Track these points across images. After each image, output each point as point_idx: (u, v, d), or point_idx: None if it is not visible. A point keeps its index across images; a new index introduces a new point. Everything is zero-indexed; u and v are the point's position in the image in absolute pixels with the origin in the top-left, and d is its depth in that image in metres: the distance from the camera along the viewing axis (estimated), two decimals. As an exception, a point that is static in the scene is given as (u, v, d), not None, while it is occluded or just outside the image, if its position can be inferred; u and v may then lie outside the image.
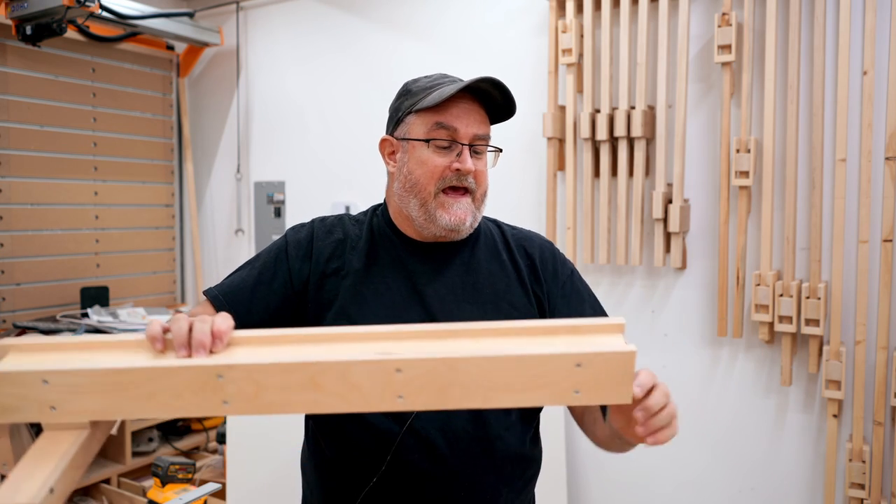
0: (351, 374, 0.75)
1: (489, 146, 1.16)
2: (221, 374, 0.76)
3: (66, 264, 3.08)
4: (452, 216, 1.11)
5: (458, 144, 1.11)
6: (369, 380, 0.76)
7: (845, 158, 1.98)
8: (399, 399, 0.76)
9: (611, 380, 0.76)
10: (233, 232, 3.47)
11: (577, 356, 0.75)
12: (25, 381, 0.75)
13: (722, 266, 2.19)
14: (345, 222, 1.22)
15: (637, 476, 2.44)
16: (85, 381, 0.76)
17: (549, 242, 1.27)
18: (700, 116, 2.28)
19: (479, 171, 1.14)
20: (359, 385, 0.76)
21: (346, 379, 0.75)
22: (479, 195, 1.15)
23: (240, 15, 3.35)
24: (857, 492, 2.01)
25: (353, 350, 0.78)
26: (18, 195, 2.91)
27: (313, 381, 0.75)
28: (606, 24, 2.29)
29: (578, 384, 0.76)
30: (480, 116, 1.13)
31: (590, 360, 0.75)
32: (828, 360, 2.03)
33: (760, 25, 2.13)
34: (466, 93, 1.12)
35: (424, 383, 0.76)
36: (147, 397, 0.76)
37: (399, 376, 0.75)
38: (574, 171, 2.39)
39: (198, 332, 0.79)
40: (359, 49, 3.00)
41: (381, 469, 1.08)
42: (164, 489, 2.17)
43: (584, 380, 0.75)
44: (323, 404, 0.76)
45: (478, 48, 2.69)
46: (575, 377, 0.75)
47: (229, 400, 0.76)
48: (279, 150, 3.28)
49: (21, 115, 2.90)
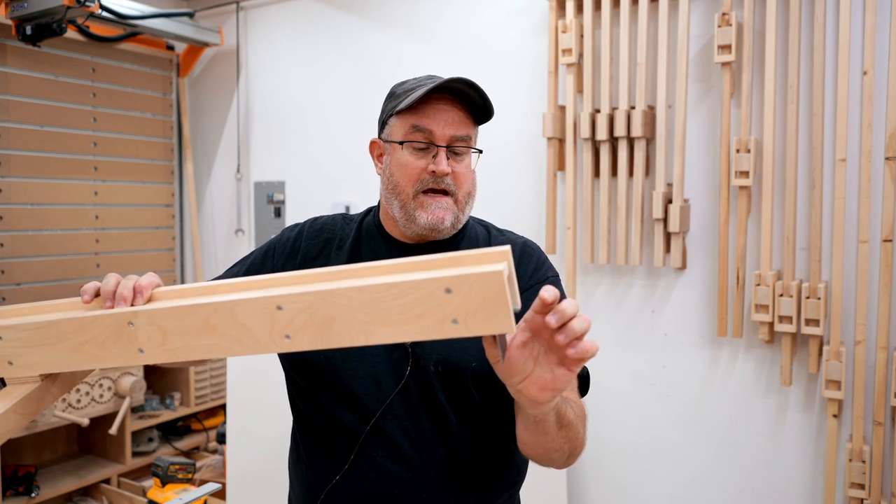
0: (237, 314, 0.79)
1: (469, 147, 1.14)
2: (131, 321, 0.84)
3: (66, 264, 3.08)
4: (431, 215, 1.11)
5: (434, 146, 1.11)
6: (255, 319, 0.79)
7: (845, 158, 1.98)
8: (286, 339, 0.78)
9: (485, 307, 0.71)
10: (233, 232, 3.47)
11: (445, 280, 0.71)
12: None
13: (722, 266, 2.19)
14: (337, 222, 1.24)
15: (637, 476, 2.44)
16: (31, 335, 0.87)
17: (533, 247, 1.23)
18: (700, 116, 2.28)
19: (459, 173, 1.12)
20: (247, 325, 0.79)
21: (234, 319, 0.79)
22: (461, 196, 1.13)
23: (240, 15, 3.35)
24: (857, 492, 2.01)
25: (245, 295, 0.81)
26: (18, 195, 2.91)
27: (207, 322, 0.80)
28: (606, 24, 2.29)
29: (454, 313, 0.72)
30: (459, 117, 1.12)
31: (458, 284, 0.70)
32: (828, 360, 2.03)
33: (760, 25, 2.13)
34: (446, 93, 1.11)
35: (305, 320, 0.77)
36: (77, 348, 0.86)
37: (281, 314, 0.77)
38: (574, 171, 2.39)
39: (121, 287, 0.87)
40: (359, 49, 3.00)
41: (346, 464, 1.09)
42: (164, 489, 2.17)
43: (457, 307, 0.71)
44: (220, 347, 0.81)
45: (478, 48, 2.69)
46: (449, 305, 0.71)
47: (144, 347, 0.84)
48: (279, 150, 3.28)
49: (21, 115, 2.90)
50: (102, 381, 2.60)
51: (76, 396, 2.51)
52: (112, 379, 2.63)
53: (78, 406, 2.52)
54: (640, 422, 2.41)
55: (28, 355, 0.88)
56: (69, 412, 2.48)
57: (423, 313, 0.73)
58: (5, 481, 2.54)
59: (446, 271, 0.72)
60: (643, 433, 2.42)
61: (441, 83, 1.08)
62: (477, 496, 1.13)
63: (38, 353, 0.88)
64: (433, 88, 1.08)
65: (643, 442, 2.42)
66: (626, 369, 2.42)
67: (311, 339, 0.77)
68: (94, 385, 2.57)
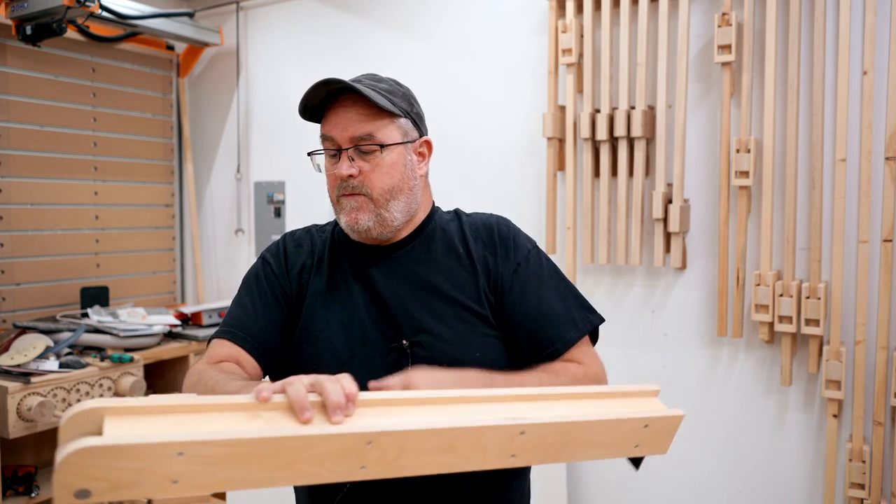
0: (484, 438, 0.80)
1: (373, 145, 1.11)
2: (371, 441, 0.74)
3: (66, 264, 3.08)
4: (347, 216, 1.13)
5: (340, 151, 1.12)
6: (497, 442, 0.81)
7: (845, 158, 1.98)
8: (511, 458, 0.83)
9: (661, 437, 0.92)
10: (233, 232, 3.47)
11: (646, 419, 0.90)
12: (157, 453, 0.66)
13: (722, 266, 2.19)
14: (312, 234, 1.26)
15: (637, 476, 2.44)
16: (223, 452, 0.69)
17: (504, 223, 1.22)
18: (700, 116, 2.28)
19: (366, 172, 1.11)
20: (485, 447, 0.81)
21: (478, 442, 0.80)
22: (377, 195, 1.12)
23: (240, 15, 3.35)
24: (857, 492, 2.01)
25: (483, 413, 0.83)
26: (18, 195, 2.90)
27: (451, 444, 0.79)
28: (606, 24, 2.29)
29: (640, 440, 0.90)
30: (358, 116, 1.10)
31: (653, 422, 0.90)
32: (828, 360, 2.03)
33: (760, 25, 2.13)
34: (349, 94, 1.11)
35: (536, 444, 0.84)
36: (286, 466, 0.72)
37: (521, 439, 0.82)
38: (574, 171, 2.39)
39: (333, 394, 0.77)
40: (359, 49, 3.00)
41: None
42: (164, 489, 2.16)
43: (645, 437, 0.90)
44: (447, 465, 0.80)
45: (478, 48, 2.69)
46: (639, 435, 0.90)
47: (367, 465, 0.76)
48: (279, 150, 3.28)
49: (21, 115, 2.90)
50: (102, 382, 2.60)
51: (76, 396, 2.51)
52: (112, 379, 2.64)
53: (78, 406, 2.52)
54: (640, 422, 2.41)
55: (209, 473, 0.69)
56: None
57: (620, 440, 0.89)
58: (5, 481, 2.54)
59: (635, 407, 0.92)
60: (643, 433, 2.41)
61: (318, 90, 1.09)
62: (490, 484, 1.14)
63: (223, 470, 0.70)
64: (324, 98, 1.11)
65: (643, 442, 2.42)
66: (626, 369, 2.42)
67: (531, 458, 0.84)
68: (94, 385, 2.57)
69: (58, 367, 2.50)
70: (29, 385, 2.36)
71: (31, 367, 2.46)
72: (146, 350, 2.84)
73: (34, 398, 2.35)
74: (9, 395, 2.31)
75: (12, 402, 2.32)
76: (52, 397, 2.42)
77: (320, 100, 1.14)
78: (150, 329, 2.88)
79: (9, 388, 2.31)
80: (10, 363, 2.44)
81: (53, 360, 2.54)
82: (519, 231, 1.23)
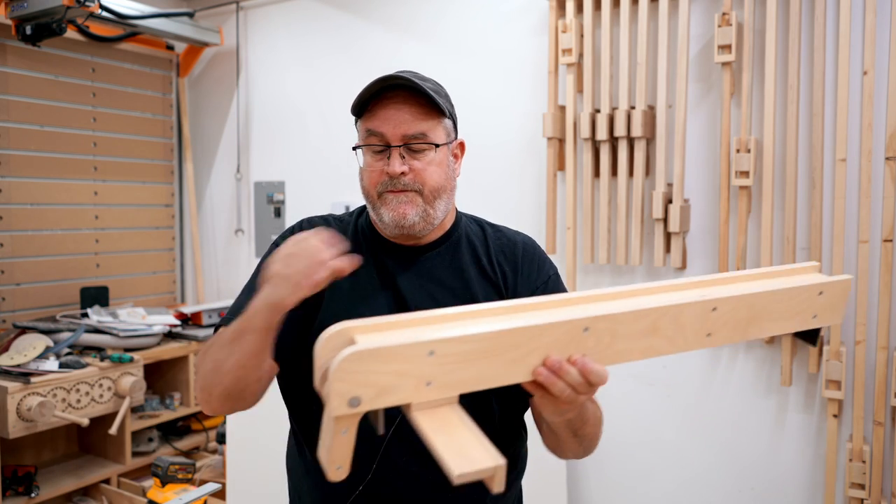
0: (682, 315, 0.84)
1: (426, 143, 1.10)
2: (587, 327, 0.80)
3: (66, 264, 3.08)
4: (393, 211, 1.11)
5: (389, 148, 1.10)
6: (694, 320, 0.85)
7: (845, 158, 1.98)
8: (707, 336, 0.87)
9: (836, 304, 0.94)
10: (233, 232, 3.47)
11: (820, 286, 0.92)
12: (411, 354, 0.71)
13: (722, 266, 2.19)
14: (329, 223, 1.23)
15: (637, 476, 2.44)
16: (468, 349, 0.74)
17: (531, 244, 1.24)
18: (700, 116, 2.28)
19: (419, 170, 1.10)
20: (684, 326, 0.85)
21: (677, 321, 0.84)
22: (427, 192, 1.11)
23: (240, 15, 3.35)
24: (857, 492, 2.01)
25: (687, 297, 0.87)
26: (18, 195, 2.91)
27: (654, 325, 0.83)
28: (606, 24, 2.29)
29: (817, 309, 0.92)
30: (411, 114, 1.09)
31: (827, 288, 0.92)
32: (828, 360, 2.03)
33: (760, 25, 2.13)
34: (399, 91, 1.10)
35: (728, 320, 0.87)
36: (518, 360, 0.78)
37: (713, 314, 0.86)
38: (574, 171, 2.39)
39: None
40: (359, 49, 3.00)
41: (369, 473, 1.08)
42: (164, 489, 2.17)
43: (821, 305, 0.92)
44: (654, 349, 0.85)
45: (478, 48, 2.69)
46: (815, 304, 0.92)
47: (587, 353, 0.81)
48: (279, 150, 3.28)
49: (21, 115, 2.90)
50: (102, 382, 2.60)
51: (76, 396, 2.51)
52: (112, 379, 2.63)
53: (78, 406, 2.52)
54: (640, 422, 2.41)
55: (455, 372, 0.74)
56: (69, 412, 2.48)
57: (799, 311, 0.92)
58: (5, 481, 2.54)
59: (805, 279, 0.94)
60: (643, 433, 2.41)
61: (376, 86, 1.08)
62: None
63: (470, 368, 0.74)
64: (375, 92, 1.09)
65: (643, 442, 2.42)
66: (626, 369, 2.42)
67: (725, 335, 0.88)
68: (93, 385, 2.57)
69: (58, 367, 2.51)
70: (29, 385, 2.36)
71: (30, 367, 2.46)
72: (146, 350, 2.84)
73: (34, 398, 2.35)
74: (9, 395, 2.31)
75: (12, 402, 2.32)
76: (52, 397, 2.42)
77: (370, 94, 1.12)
78: (150, 329, 2.88)
79: (9, 388, 2.31)
80: (10, 363, 2.44)
81: (53, 360, 2.54)
82: (544, 255, 1.23)
